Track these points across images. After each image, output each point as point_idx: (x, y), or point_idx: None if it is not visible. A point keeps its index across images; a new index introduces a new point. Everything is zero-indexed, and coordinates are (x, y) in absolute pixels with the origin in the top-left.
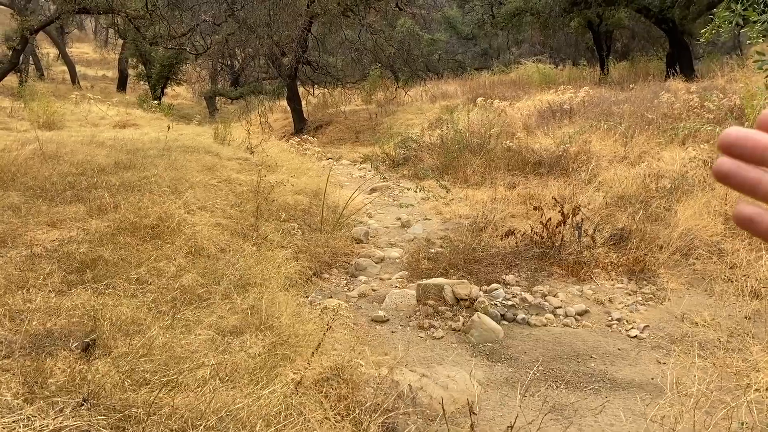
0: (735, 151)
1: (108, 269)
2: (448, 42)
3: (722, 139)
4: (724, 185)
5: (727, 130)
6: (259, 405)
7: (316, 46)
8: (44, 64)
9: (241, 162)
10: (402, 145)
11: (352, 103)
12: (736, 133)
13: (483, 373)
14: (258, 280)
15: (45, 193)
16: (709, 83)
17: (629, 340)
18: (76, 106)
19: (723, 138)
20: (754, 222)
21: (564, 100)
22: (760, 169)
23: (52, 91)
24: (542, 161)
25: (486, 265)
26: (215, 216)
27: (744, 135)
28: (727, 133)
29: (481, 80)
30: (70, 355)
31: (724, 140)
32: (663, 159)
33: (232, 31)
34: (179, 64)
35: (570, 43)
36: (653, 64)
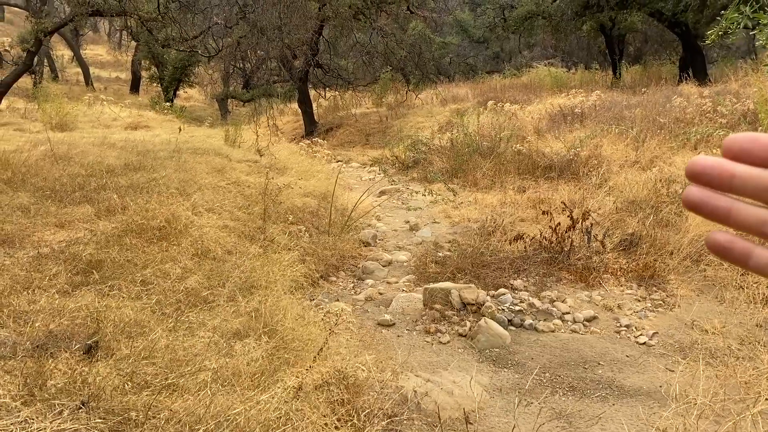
0: (703, 179)
1: (114, 271)
2: (460, 45)
3: (689, 168)
4: (695, 215)
5: (693, 159)
6: (258, 410)
7: (327, 49)
8: (59, 65)
9: (250, 164)
10: (412, 148)
11: (362, 106)
12: (703, 162)
13: (489, 379)
14: (263, 283)
15: (54, 194)
16: (722, 87)
17: (638, 346)
18: (89, 107)
19: (690, 167)
20: (726, 249)
21: (575, 104)
22: (730, 197)
23: (65, 92)
24: (553, 165)
25: (494, 269)
26: (223, 218)
27: (710, 164)
28: (694, 162)
29: (492, 83)
30: (71, 357)
31: (690, 169)
32: (675, 164)
33: (243, 33)
34: (191, 67)
35: (582, 46)
36: (666, 68)
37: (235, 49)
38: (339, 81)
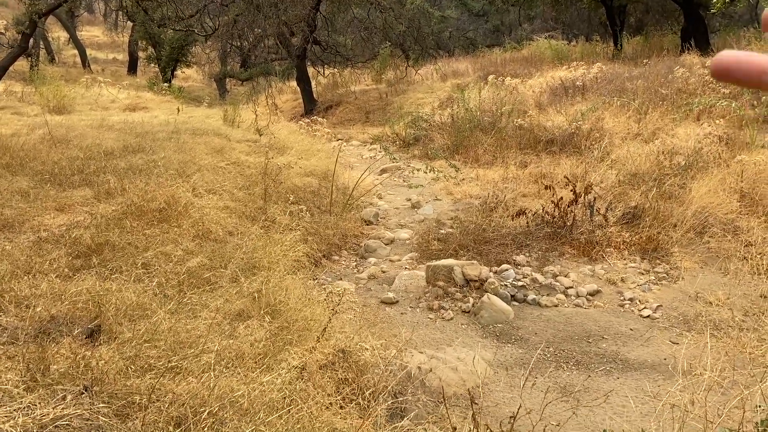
0: (732, 76)
1: (114, 254)
2: (459, 19)
3: (715, 64)
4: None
5: (719, 54)
6: (262, 391)
7: (324, 25)
8: (55, 48)
9: (250, 144)
10: (412, 125)
11: (362, 83)
12: (730, 57)
13: (493, 354)
14: (265, 264)
15: (53, 178)
16: None
17: (642, 320)
18: (86, 89)
19: (716, 63)
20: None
21: (576, 77)
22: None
23: (62, 74)
24: (554, 139)
25: (496, 245)
26: (223, 199)
27: (739, 58)
28: (720, 57)
29: (493, 57)
30: (73, 341)
31: (717, 65)
32: (677, 135)
33: (240, 11)
34: (189, 46)
35: (583, 18)
36: (668, 38)
37: (232, 28)
38: (337, 58)
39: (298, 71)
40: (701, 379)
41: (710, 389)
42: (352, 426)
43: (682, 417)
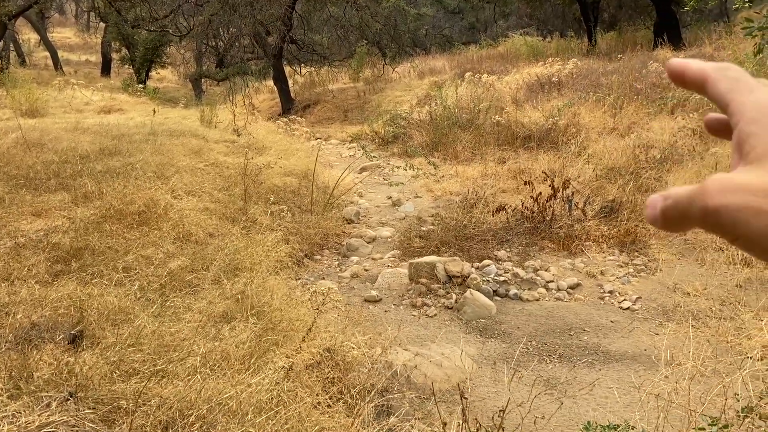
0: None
1: (94, 258)
2: (435, 16)
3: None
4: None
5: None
6: (250, 392)
7: (300, 24)
8: (25, 50)
9: (228, 145)
10: (391, 123)
11: (339, 82)
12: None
13: (476, 349)
14: (248, 264)
15: (29, 183)
16: (697, 51)
17: (622, 312)
18: (59, 92)
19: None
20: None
21: (552, 73)
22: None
23: (34, 77)
24: (532, 135)
25: (477, 241)
26: (203, 200)
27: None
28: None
29: (469, 55)
30: (56, 347)
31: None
32: (652, 129)
33: (215, 11)
34: (163, 47)
35: (557, 14)
36: (641, 33)
37: (207, 28)
38: (314, 56)
39: (275, 70)
40: (683, 369)
41: (692, 378)
42: (340, 425)
43: (665, 406)
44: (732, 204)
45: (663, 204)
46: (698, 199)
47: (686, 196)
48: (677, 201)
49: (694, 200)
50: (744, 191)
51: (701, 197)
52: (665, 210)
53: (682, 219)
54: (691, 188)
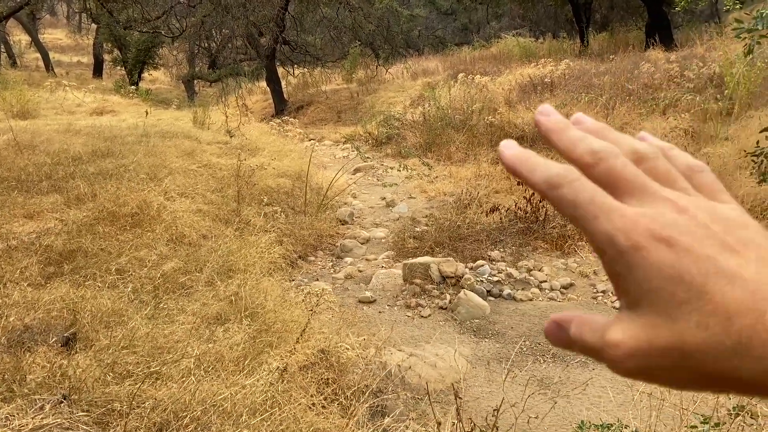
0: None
1: (87, 260)
2: (428, 18)
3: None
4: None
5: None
6: (244, 394)
7: (293, 25)
8: (16, 51)
9: (221, 146)
10: (384, 124)
11: (332, 83)
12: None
13: (470, 349)
14: (241, 266)
15: (21, 185)
16: (688, 52)
17: (614, 311)
18: (51, 93)
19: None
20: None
21: (545, 74)
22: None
23: (25, 79)
24: (525, 136)
25: (471, 242)
26: (196, 202)
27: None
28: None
29: (462, 56)
30: (49, 350)
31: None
32: (644, 129)
33: (207, 12)
34: (155, 48)
35: (549, 15)
36: (633, 34)
37: (200, 29)
38: (307, 57)
39: (268, 71)
40: None
41: None
42: (335, 426)
43: (658, 405)
44: (641, 367)
45: (572, 345)
46: (606, 360)
47: (592, 348)
48: (586, 348)
49: (601, 357)
50: (643, 356)
51: (607, 360)
52: (577, 349)
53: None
54: (590, 339)
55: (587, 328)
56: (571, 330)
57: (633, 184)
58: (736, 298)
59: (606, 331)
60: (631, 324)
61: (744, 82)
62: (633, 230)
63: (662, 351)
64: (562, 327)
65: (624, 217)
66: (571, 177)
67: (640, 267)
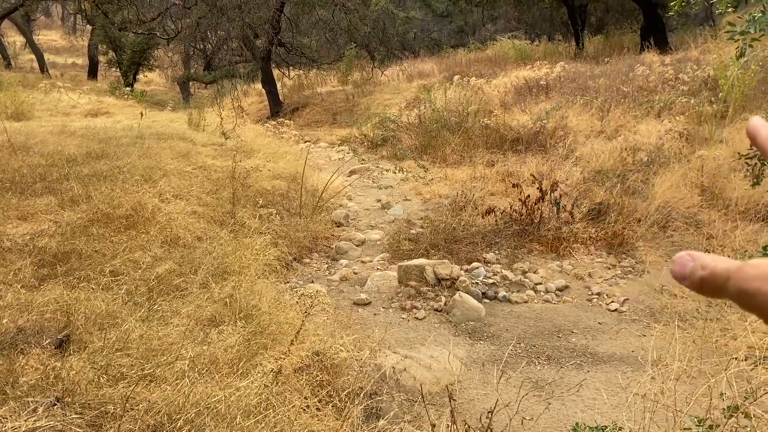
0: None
1: (81, 262)
2: (423, 20)
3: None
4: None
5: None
6: (238, 396)
7: (289, 27)
8: (11, 53)
9: (216, 148)
10: (380, 126)
11: (328, 85)
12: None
13: (465, 352)
14: (236, 268)
15: (15, 186)
16: (683, 55)
17: (609, 313)
18: (45, 95)
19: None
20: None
21: (540, 76)
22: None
23: (20, 80)
24: (520, 138)
25: (466, 244)
26: (191, 204)
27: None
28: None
29: (458, 58)
30: (43, 352)
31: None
32: (639, 132)
33: (203, 14)
34: (151, 50)
35: (545, 18)
36: (628, 37)
37: (195, 30)
38: (303, 59)
39: (263, 73)
40: (670, 370)
41: (678, 379)
42: (329, 428)
43: (652, 407)
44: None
45: (700, 273)
46: (736, 280)
47: (724, 271)
48: (715, 274)
49: (731, 279)
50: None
51: (740, 279)
52: (704, 279)
53: (716, 290)
54: (727, 264)
55: (723, 260)
56: (707, 259)
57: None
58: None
59: (748, 261)
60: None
61: (738, 85)
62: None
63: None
64: (693, 258)
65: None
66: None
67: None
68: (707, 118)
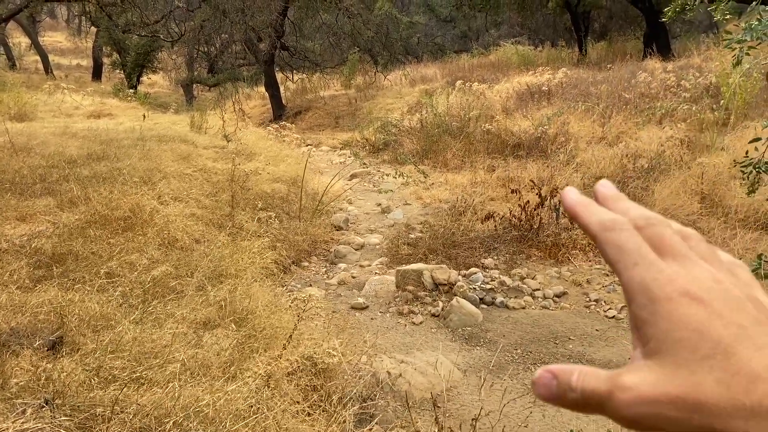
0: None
1: (77, 264)
2: (427, 25)
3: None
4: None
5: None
6: (228, 400)
7: (293, 30)
8: (16, 54)
9: (217, 150)
10: (382, 131)
11: (331, 89)
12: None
13: (462, 357)
14: (233, 271)
15: (14, 187)
16: (685, 62)
17: (607, 320)
18: (49, 96)
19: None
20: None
21: (542, 82)
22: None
23: (24, 81)
24: (521, 143)
25: (465, 249)
26: (189, 206)
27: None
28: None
29: (461, 63)
30: (34, 353)
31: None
32: (640, 139)
33: (206, 17)
34: (154, 52)
35: (548, 24)
36: (631, 44)
37: (199, 33)
38: (306, 63)
39: (267, 77)
40: None
41: None
42: None
43: None
44: (647, 415)
45: (571, 395)
46: (611, 407)
47: (595, 394)
48: (586, 397)
49: (606, 404)
50: (653, 403)
51: (614, 405)
52: (576, 402)
53: (597, 411)
54: (596, 383)
55: (591, 377)
56: (572, 378)
57: (676, 250)
58: (764, 365)
59: (618, 377)
60: (647, 371)
61: (740, 93)
62: (668, 284)
63: (674, 400)
64: (556, 377)
65: (662, 272)
66: (624, 225)
67: (668, 317)
68: (709, 126)
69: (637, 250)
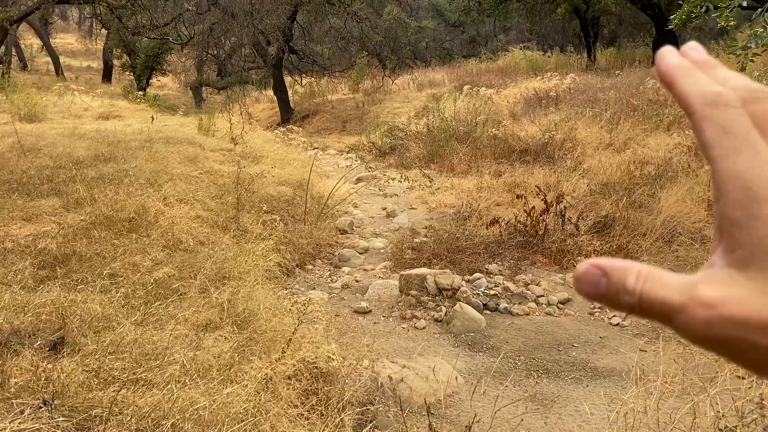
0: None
1: (81, 264)
2: (436, 29)
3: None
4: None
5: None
6: (226, 403)
7: (301, 34)
8: (27, 55)
9: (224, 153)
10: (388, 135)
11: (338, 92)
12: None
13: (464, 363)
14: (236, 274)
15: (21, 187)
16: None
17: (611, 328)
18: (59, 97)
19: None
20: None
21: (550, 87)
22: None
23: (35, 82)
24: (528, 149)
25: (469, 254)
26: (195, 208)
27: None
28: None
29: (469, 68)
30: (35, 354)
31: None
32: (648, 145)
33: (215, 20)
34: (164, 54)
35: (557, 29)
36: (640, 50)
37: (208, 36)
38: (314, 67)
39: (275, 80)
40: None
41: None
42: None
43: (647, 421)
44: (730, 338)
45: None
46: (683, 321)
47: (664, 305)
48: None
49: (675, 318)
50: (740, 325)
51: (687, 321)
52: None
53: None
54: (665, 295)
55: (657, 283)
56: (629, 279)
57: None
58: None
59: (696, 288)
60: (733, 285)
61: None
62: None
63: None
64: (606, 274)
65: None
66: (732, 102)
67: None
68: None
69: (745, 135)
